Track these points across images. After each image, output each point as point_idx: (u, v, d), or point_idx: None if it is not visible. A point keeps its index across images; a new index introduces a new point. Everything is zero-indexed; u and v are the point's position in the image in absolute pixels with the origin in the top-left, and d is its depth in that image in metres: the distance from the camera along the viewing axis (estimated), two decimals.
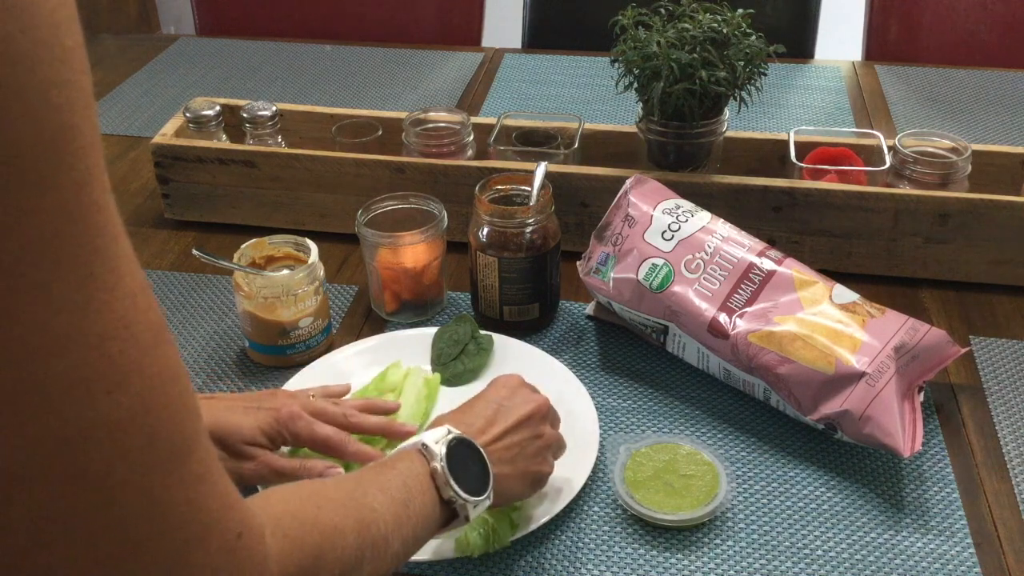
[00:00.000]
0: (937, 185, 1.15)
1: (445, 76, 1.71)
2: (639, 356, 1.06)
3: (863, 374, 0.90)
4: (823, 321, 0.94)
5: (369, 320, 1.13)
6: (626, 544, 0.85)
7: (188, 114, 1.27)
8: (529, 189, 1.06)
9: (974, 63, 1.77)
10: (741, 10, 1.14)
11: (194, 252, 1.06)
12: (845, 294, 0.97)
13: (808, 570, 0.83)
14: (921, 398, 0.92)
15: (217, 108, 1.28)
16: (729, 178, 1.15)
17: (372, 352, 1.05)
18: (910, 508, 0.89)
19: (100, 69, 1.75)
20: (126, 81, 1.71)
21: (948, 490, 0.90)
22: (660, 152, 1.20)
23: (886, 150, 1.19)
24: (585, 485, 0.89)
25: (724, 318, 0.96)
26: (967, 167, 1.15)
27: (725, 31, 1.11)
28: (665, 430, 0.97)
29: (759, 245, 1.01)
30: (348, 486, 0.66)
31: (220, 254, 1.05)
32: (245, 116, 1.28)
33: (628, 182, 1.06)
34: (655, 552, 0.84)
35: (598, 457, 0.91)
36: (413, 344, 1.06)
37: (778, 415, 0.98)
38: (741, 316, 0.96)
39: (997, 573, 0.83)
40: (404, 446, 0.74)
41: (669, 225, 1.01)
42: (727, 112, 1.18)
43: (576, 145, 1.23)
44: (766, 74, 1.15)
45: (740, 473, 0.92)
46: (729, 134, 1.22)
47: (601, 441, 0.93)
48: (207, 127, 1.28)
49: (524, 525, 0.84)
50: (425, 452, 0.72)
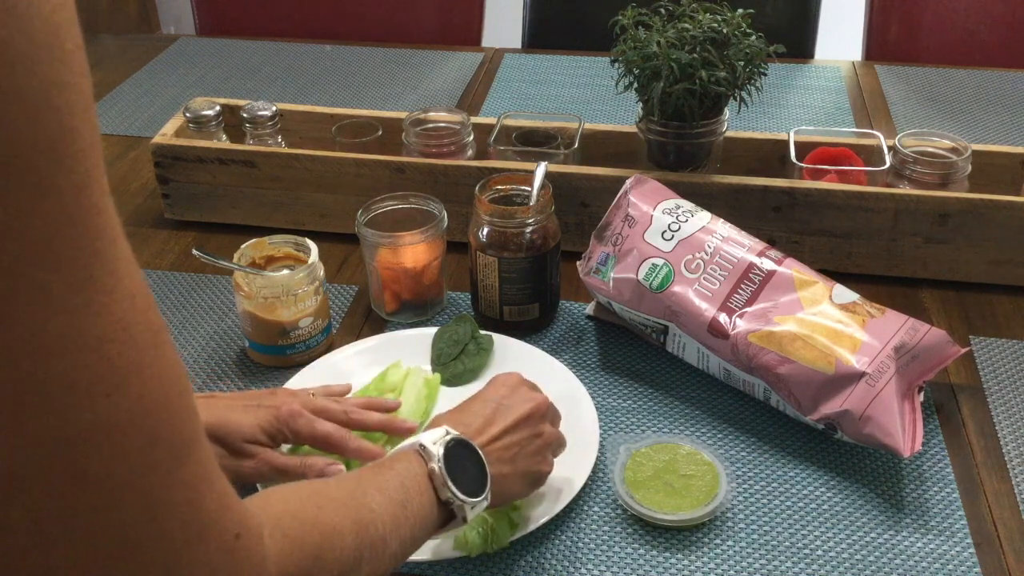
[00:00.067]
0: (937, 185, 1.15)
1: (445, 76, 1.71)
2: (639, 356, 1.06)
3: (863, 374, 0.90)
4: (823, 321, 0.94)
5: (369, 320, 1.13)
6: (626, 544, 0.85)
7: (188, 114, 1.27)
8: (529, 189, 1.06)
9: (974, 63, 1.77)
10: (741, 10, 1.14)
11: (194, 252, 1.06)
12: (845, 294, 0.97)
13: (808, 570, 0.83)
14: (921, 398, 0.92)
15: (217, 108, 1.28)
16: (729, 178, 1.15)
17: (372, 352, 1.05)
18: (910, 508, 0.89)
19: (100, 69, 1.75)
20: (126, 81, 1.71)
21: (948, 490, 0.90)
22: (660, 152, 1.20)
23: (886, 150, 1.19)
24: (585, 485, 0.89)
25: (724, 318, 0.96)
26: (967, 167, 1.15)
27: (725, 31, 1.11)
28: (665, 430, 0.97)
29: (759, 245, 1.01)
30: (347, 486, 0.66)
31: (220, 254, 1.05)
32: (245, 116, 1.28)
33: (628, 182, 1.06)
34: (655, 552, 0.84)
35: (598, 457, 0.91)
36: (413, 344, 1.06)
37: (778, 415, 0.98)
38: (741, 316, 0.96)
39: (997, 573, 0.83)
40: (402, 446, 0.74)
41: (669, 225, 1.01)
42: (727, 112, 1.18)
43: (576, 145, 1.23)
44: (766, 74, 1.15)
45: (740, 473, 0.92)
46: (729, 134, 1.22)
47: (601, 441, 0.93)
48: (207, 127, 1.28)
49: (524, 525, 0.84)
50: (423, 453, 0.72)
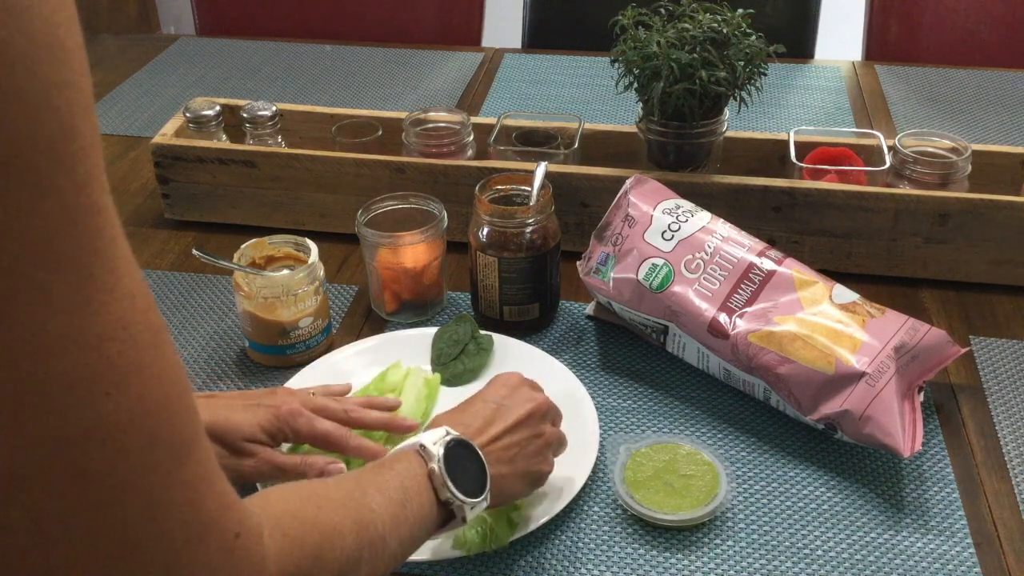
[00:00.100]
0: (937, 185, 1.15)
1: (445, 76, 1.71)
2: (639, 356, 1.06)
3: (863, 374, 0.90)
4: (823, 321, 0.94)
5: (369, 320, 1.13)
6: (626, 544, 0.85)
7: (188, 114, 1.27)
8: (529, 189, 1.06)
9: (974, 63, 1.77)
10: (741, 10, 1.14)
11: (194, 252, 1.06)
12: (845, 294, 0.97)
13: (808, 570, 0.83)
14: (921, 398, 0.92)
15: (217, 108, 1.28)
16: (729, 178, 1.15)
17: (372, 352, 1.05)
18: (910, 508, 0.89)
19: (100, 69, 1.75)
20: (126, 81, 1.71)
21: (948, 490, 0.90)
22: (660, 152, 1.20)
23: (886, 150, 1.19)
24: (585, 485, 0.89)
25: (724, 318, 0.96)
26: (967, 167, 1.15)
27: (725, 31, 1.11)
28: (665, 430, 0.97)
29: (759, 245, 1.01)
30: (347, 486, 0.66)
31: (220, 254, 1.05)
32: (245, 116, 1.28)
33: (628, 182, 1.06)
34: (655, 552, 0.84)
35: (598, 457, 0.91)
36: (413, 344, 1.06)
37: (778, 415, 0.98)
38: (741, 316, 0.96)
39: (997, 573, 0.83)
40: (402, 447, 0.74)
41: (669, 225, 1.01)
42: (727, 112, 1.18)
43: (576, 145, 1.23)
44: (766, 74, 1.14)
45: (740, 473, 0.92)
46: (729, 134, 1.22)
47: (601, 441, 0.93)
48: (207, 127, 1.28)
49: (524, 525, 0.84)
50: (423, 453, 0.72)
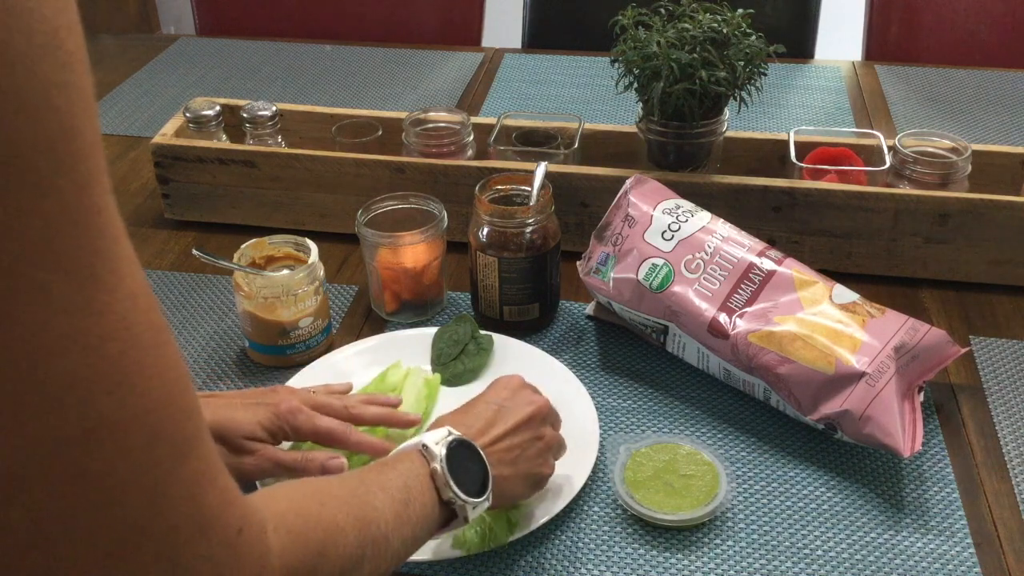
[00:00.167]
0: (937, 185, 1.15)
1: (445, 76, 1.71)
2: (639, 356, 1.06)
3: (863, 374, 0.90)
4: (823, 321, 0.94)
5: (369, 320, 1.13)
6: (626, 544, 0.85)
7: (188, 114, 1.27)
8: (529, 189, 1.06)
9: (974, 63, 1.77)
10: (741, 10, 1.14)
11: (194, 252, 1.06)
12: (845, 294, 0.97)
13: (808, 570, 0.83)
14: (921, 398, 0.92)
15: (217, 108, 1.28)
16: (729, 178, 1.15)
17: (372, 352, 1.05)
18: (910, 508, 0.89)
19: (100, 69, 1.75)
20: (126, 81, 1.71)
21: (948, 490, 0.90)
22: (660, 152, 1.20)
23: (886, 150, 1.19)
24: (585, 485, 0.89)
25: (724, 318, 0.96)
26: (967, 167, 1.15)
27: (725, 31, 1.11)
28: (665, 430, 0.97)
29: (759, 245, 1.01)
30: (350, 484, 0.66)
31: (220, 254, 1.05)
32: (245, 116, 1.28)
33: (628, 182, 1.06)
34: (655, 552, 0.84)
35: (598, 457, 0.91)
36: (413, 344, 1.06)
37: (778, 415, 0.98)
38: (741, 316, 0.96)
39: (997, 573, 0.83)
40: (404, 446, 0.75)
41: (669, 225, 1.01)
42: (727, 112, 1.18)
43: (576, 145, 1.23)
44: (766, 74, 1.15)
45: (740, 473, 0.92)
46: (729, 134, 1.22)
47: (601, 441, 0.93)
48: (207, 127, 1.28)
49: (524, 525, 0.84)
50: (425, 453, 0.72)
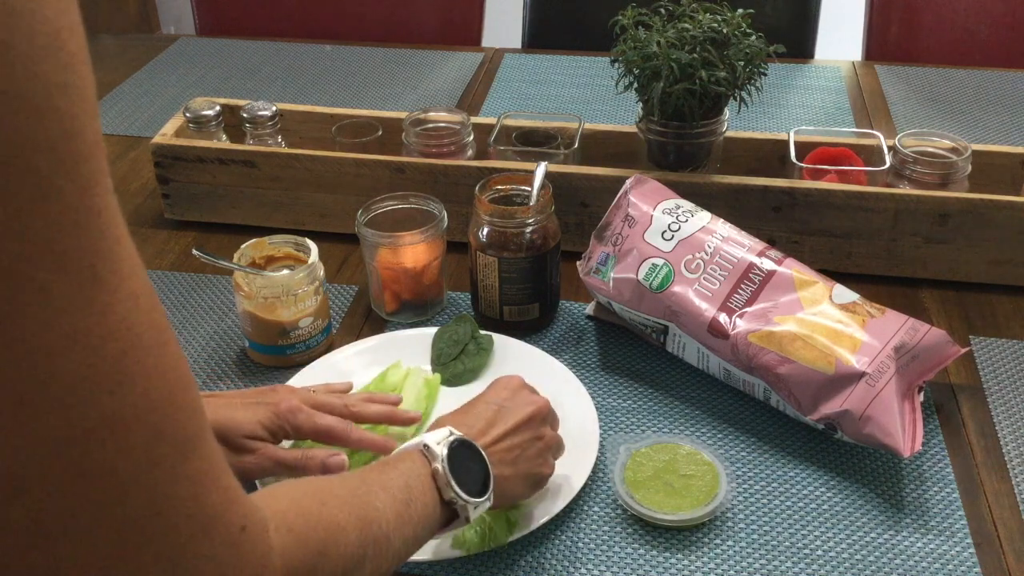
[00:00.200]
0: (937, 185, 1.15)
1: (445, 76, 1.71)
2: (639, 356, 1.06)
3: (863, 374, 0.90)
4: (823, 321, 0.94)
5: (369, 320, 1.13)
6: (626, 544, 0.85)
7: (188, 114, 1.27)
8: (529, 189, 1.06)
9: (974, 63, 1.77)
10: (741, 10, 1.14)
11: (194, 252, 1.06)
12: (845, 294, 0.97)
13: (808, 570, 0.83)
14: (921, 398, 0.92)
15: (217, 108, 1.28)
16: (729, 178, 1.15)
17: (372, 352, 1.05)
18: (910, 508, 0.89)
19: (100, 69, 1.75)
20: (126, 81, 1.71)
21: (948, 490, 0.90)
22: (660, 152, 1.20)
23: (886, 150, 1.19)
24: (585, 485, 0.89)
25: (724, 318, 0.96)
26: (967, 167, 1.15)
27: (725, 31, 1.11)
28: (665, 430, 0.97)
29: (759, 245, 1.01)
30: (352, 484, 0.66)
31: (220, 254, 1.05)
32: (245, 116, 1.28)
33: (628, 182, 1.06)
34: (655, 552, 0.85)
35: (598, 457, 0.91)
36: (413, 344, 1.06)
37: (778, 415, 0.98)
38: (741, 316, 0.96)
39: (997, 573, 0.83)
40: (406, 446, 0.75)
41: (669, 225, 1.01)
42: (727, 112, 1.18)
43: (576, 145, 1.23)
44: (766, 74, 1.15)
45: (740, 473, 0.92)
46: (729, 134, 1.22)
47: (601, 441, 0.93)
48: (207, 127, 1.28)
49: (524, 525, 0.84)
50: (427, 453, 0.72)
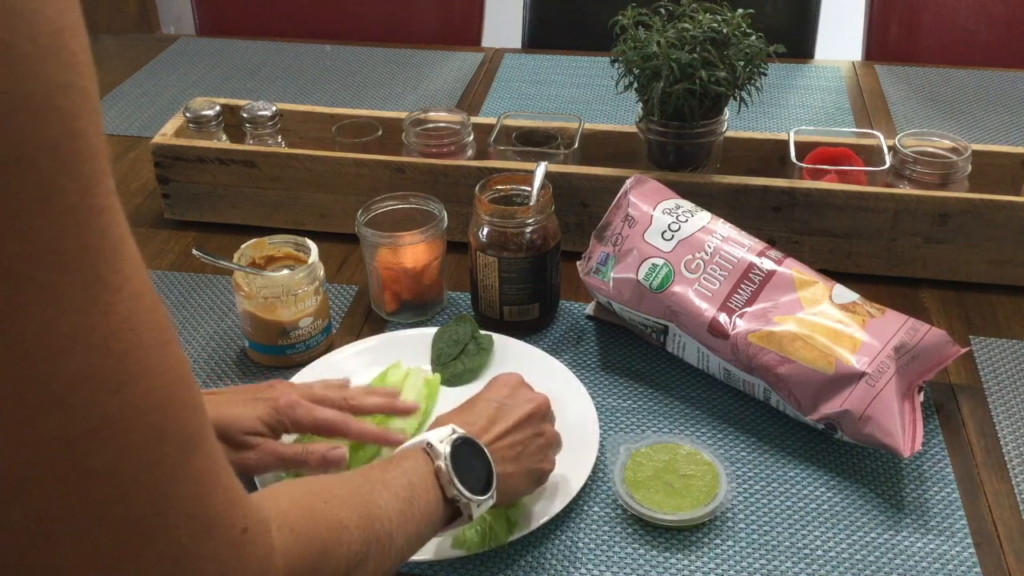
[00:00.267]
0: (937, 185, 1.15)
1: (445, 76, 1.71)
2: (639, 356, 1.06)
3: (863, 374, 0.90)
4: (823, 321, 0.94)
5: (369, 320, 1.13)
6: (626, 544, 0.85)
7: (188, 114, 1.27)
8: (529, 189, 1.06)
9: (974, 63, 1.77)
10: (741, 10, 1.14)
11: (194, 252, 1.06)
12: (845, 294, 0.97)
13: (808, 570, 0.83)
14: (921, 398, 0.92)
15: (217, 108, 1.28)
16: (729, 178, 1.15)
17: (372, 352, 1.05)
18: (910, 508, 0.89)
19: (100, 69, 1.71)
20: (126, 81, 1.71)
21: (948, 490, 0.90)
22: (660, 152, 1.20)
23: (886, 150, 1.19)
24: (585, 485, 0.89)
25: (724, 318, 0.96)
26: (967, 167, 1.15)
27: (725, 31, 1.11)
28: (665, 430, 0.97)
29: (759, 245, 1.01)
30: (354, 482, 0.66)
31: (220, 254, 1.05)
32: (245, 116, 1.28)
33: (628, 182, 1.06)
34: (655, 552, 0.85)
35: (598, 457, 0.91)
36: (413, 344, 1.06)
37: (778, 415, 0.98)
38: (741, 316, 0.96)
39: (997, 573, 0.83)
40: (408, 445, 0.75)
41: (669, 225, 1.01)
42: (727, 112, 1.18)
43: (576, 145, 1.23)
44: (766, 74, 1.15)
45: (740, 473, 0.92)
46: (729, 134, 1.22)
47: (601, 441, 0.93)
48: (207, 127, 1.28)
49: (523, 525, 0.84)
50: (429, 451, 0.73)
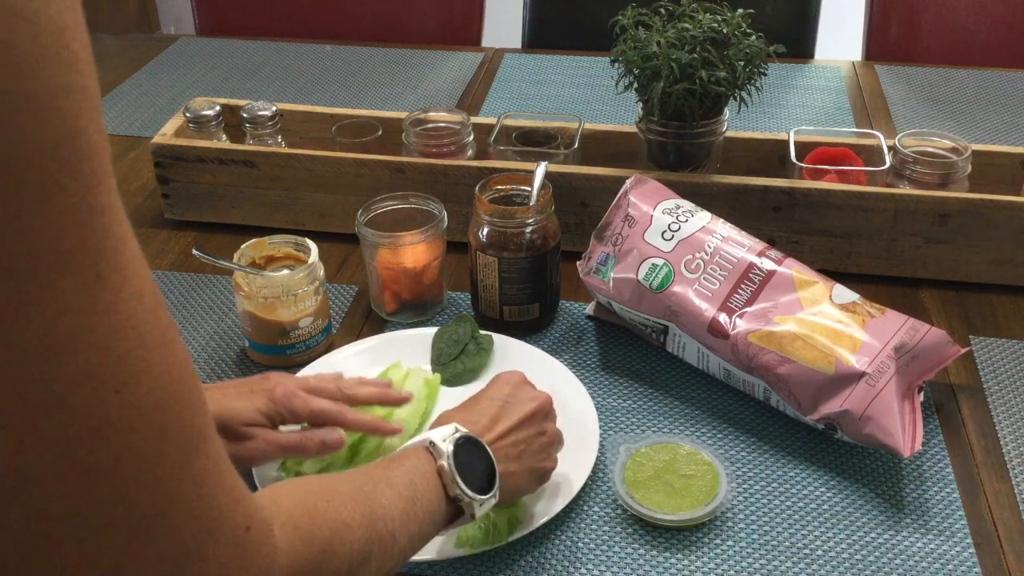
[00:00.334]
0: (937, 185, 1.15)
1: (445, 76, 1.71)
2: (639, 356, 1.06)
3: (863, 374, 0.90)
4: (823, 321, 0.94)
5: (369, 320, 1.13)
6: (626, 544, 0.85)
7: (188, 114, 1.27)
8: (529, 189, 1.06)
9: (974, 63, 1.77)
10: (741, 10, 1.14)
11: (194, 252, 1.06)
12: (845, 294, 0.97)
13: (808, 570, 0.83)
14: (921, 398, 0.92)
15: (217, 108, 1.28)
16: (729, 178, 1.15)
17: (372, 352, 1.05)
18: (910, 508, 0.89)
19: (100, 69, 1.70)
20: (126, 81, 1.71)
21: (948, 490, 0.90)
22: (660, 152, 1.20)
23: (886, 150, 1.19)
24: (585, 485, 0.89)
25: (724, 318, 0.96)
26: (967, 167, 1.15)
27: (725, 31, 1.11)
28: (665, 430, 0.97)
29: (759, 245, 1.01)
30: (357, 481, 0.66)
31: (220, 254, 1.05)
32: (245, 116, 1.28)
33: (628, 182, 1.06)
34: (655, 552, 0.85)
35: (598, 457, 0.91)
36: (413, 344, 1.06)
37: (778, 415, 0.98)
38: (741, 316, 0.96)
39: (997, 573, 0.83)
40: (411, 443, 0.75)
41: (669, 225, 1.01)
42: (727, 112, 1.18)
43: (576, 145, 1.23)
44: (766, 74, 1.15)
45: (740, 473, 0.92)
46: (729, 134, 1.22)
47: (601, 441, 0.93)
48: (207, 127, 1.28)
49: (524, 524, 0.84)
50: (432, 450, 0.73)
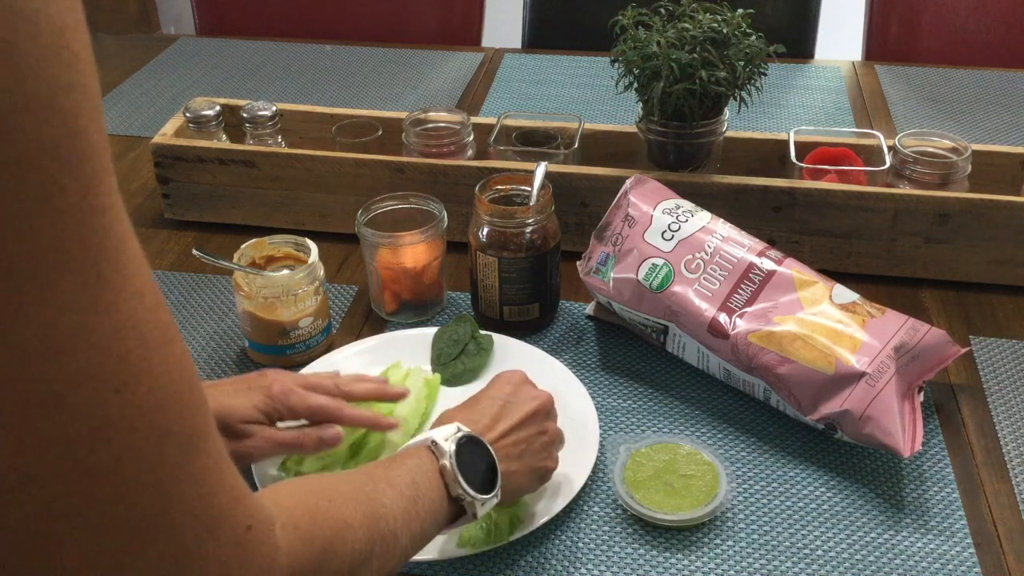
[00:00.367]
0: (937, 185, 1.15)
1: (445, 76, 1.71)
2: (639, 356, 1.06)
3: (863, 374, 0.90)
4: (823, 321, 0.94)
5: (369, 320, 1.13)
6: (626, 544, 0.85)
7: (188, 114, 1.27)
8: (529, 189, 1.06)
9: (974, 63, 1.77)
10: (741, 10, 1.14)
11: (194, 252, 1.06)
12: (845, 294, 0.97)
13: (808, 570, 0.83)
14: (921, 398, 0.92)
15: (217, 108, 1.28)
16: (729, 178, 1.15)
17: (372, 352, 1.05)
18: (910, 508, 0.89)
19: (100, 69, 1.71)
20: (126, 81, 1.71)
21: (948, 490, 0.90)
22: (660, 152, 1.20)
23: (886, 150, 1.19)
24: (585, 485, 0.89)
25: (724, 318, 0.96)
26: (967, 167, 1.15)
27: (725, 31, 1.11)
28: (665, 430, 0.97)
29: (759, 245, 1.01)
30: (358, 481, 0.66)
31: (220, 254, 1.05)
32: (245, 116, 1.28)
33: (628, 182, 1.06)
34: (655, 552, 0.85)
35: (598, 457, 0.91)
36: (413, 344, 1.06)
37: (778, 415, 0.98)
38: (741, 316, 0.96)
39: (997, 573, 0.83)
40: (413, 443, 0.75)
41: (669, 225, 1.01)
42: (727, 112, 1.18)
43: (576, 145, 1.23)
44: (766, 74, 1.15)
45: (740, 473, 0.92)
46: (729, 134, 1.22)
47: (601, 441, 0.93)
48: (207, 127, 1.28)
49: (524, 524, 0.84)
50: (434, 449, 0.73)
